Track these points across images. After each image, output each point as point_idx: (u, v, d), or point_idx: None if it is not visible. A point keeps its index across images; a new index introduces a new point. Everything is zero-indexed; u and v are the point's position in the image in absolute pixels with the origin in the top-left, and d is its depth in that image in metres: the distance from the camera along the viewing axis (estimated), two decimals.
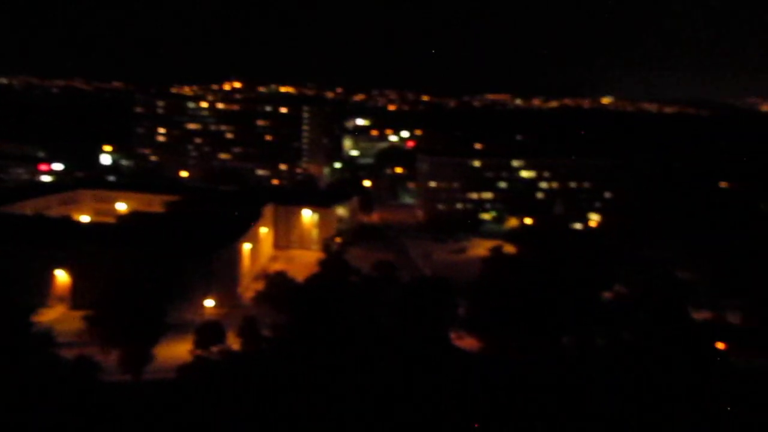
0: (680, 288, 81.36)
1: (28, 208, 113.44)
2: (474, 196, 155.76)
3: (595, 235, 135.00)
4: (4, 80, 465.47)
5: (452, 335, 72.47)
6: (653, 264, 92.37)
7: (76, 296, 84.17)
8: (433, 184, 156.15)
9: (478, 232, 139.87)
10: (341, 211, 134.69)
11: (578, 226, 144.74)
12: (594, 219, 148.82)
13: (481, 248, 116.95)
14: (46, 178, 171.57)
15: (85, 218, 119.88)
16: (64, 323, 72.58)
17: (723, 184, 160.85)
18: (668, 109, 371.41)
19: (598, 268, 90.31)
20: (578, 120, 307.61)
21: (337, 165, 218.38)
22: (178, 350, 67.36)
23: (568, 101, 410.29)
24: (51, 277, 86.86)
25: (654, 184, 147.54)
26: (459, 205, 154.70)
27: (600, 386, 49.33)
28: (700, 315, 77.47)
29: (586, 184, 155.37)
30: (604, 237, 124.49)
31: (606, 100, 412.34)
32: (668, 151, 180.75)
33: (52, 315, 77.54)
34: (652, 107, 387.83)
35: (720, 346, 67.33)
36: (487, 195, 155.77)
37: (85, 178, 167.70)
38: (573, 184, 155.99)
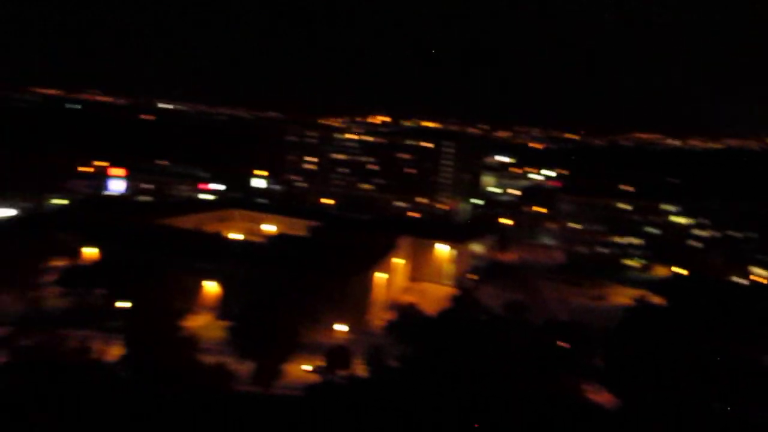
0: None
1: (188, 222, 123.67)
2: (618, 240, 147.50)
3: (761, 292, 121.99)
4: (181, 106, 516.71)
5: (585, 387, 68.13)
6: None
7: (222, 307, 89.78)
8: (574, 225, 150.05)
9: (621, 278, 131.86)
10: (477, 247, 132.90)
11: (740, 280, 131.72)
12: (759, 274, 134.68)
13: (622, 296, 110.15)
14: (205, 197, 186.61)
15: (235, 236, 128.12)
16: (208, 331, 77.00)
17: None
18: None
19: (762, 329, 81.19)
20: (743, 162, 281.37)
21: (476, 201, 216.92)
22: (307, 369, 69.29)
23: (732, 141, 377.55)
24: (201, 287, 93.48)
25: None
26: (601, 249, 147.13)
27: None
28: None
29: (751, 234, 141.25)
30: None
31: None
32: None
33: (199, 322, 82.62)
34: None
35: None
36: (633, 240, 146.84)
37: (239, 199, 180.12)
38: (734, 233, 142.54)
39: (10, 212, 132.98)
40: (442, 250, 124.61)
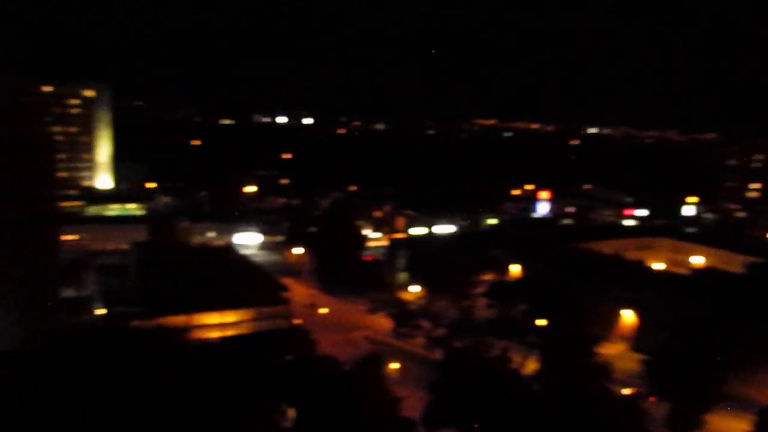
0: None
1: (607, 247, 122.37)
2: None
3: None
4: (607, 131, 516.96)
5: None
6: None
7: (639, 338, 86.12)
8: None
9: None
10: None
11: None
12: None
13: None
14: (627, 222, 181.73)
15: (658, 265, 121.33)
16: (622, 361, 74.60)
17: None
18: None
19: None
20: None
21: None
22: (732, 425, 61.33)
23: None
24: (617, 315, 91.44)
25: None
26: None
27: None
28: None
29: None
30: None
31: None
32: None
33: (612, 350, 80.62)
34: None
35: None
36: None
37: (664, 226, 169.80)
38: None
39: (451, 228, 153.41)
40: None
